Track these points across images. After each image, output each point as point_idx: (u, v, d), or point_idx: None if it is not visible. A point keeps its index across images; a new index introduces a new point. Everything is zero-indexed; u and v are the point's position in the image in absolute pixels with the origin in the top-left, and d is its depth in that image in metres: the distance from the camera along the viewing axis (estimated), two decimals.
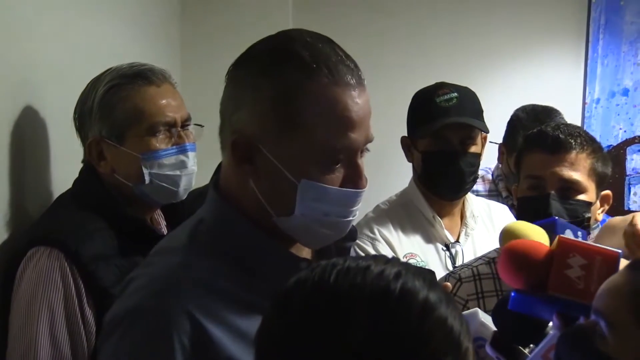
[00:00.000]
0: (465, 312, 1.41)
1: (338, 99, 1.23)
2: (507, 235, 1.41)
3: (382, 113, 3.70)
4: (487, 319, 1.40)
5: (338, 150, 1.24)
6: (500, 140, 3.13)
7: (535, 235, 1.36)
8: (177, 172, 1.95)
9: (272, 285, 1.09)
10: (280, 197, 1.26)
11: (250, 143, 1.25)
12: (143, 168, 1.91)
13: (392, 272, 0.94)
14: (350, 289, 0.92)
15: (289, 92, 1.22)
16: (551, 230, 1.39)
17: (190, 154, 1.98)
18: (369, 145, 1.31)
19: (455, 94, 2.34)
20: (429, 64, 4.26)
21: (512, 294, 1.31)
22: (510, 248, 1.32)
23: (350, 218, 1.30)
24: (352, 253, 1.47)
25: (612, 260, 1.26)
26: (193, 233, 1.32)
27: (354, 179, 1.27)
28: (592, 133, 2.06)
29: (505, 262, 1.31)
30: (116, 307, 1.26)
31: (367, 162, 1.32)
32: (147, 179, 1.92)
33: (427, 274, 0.98)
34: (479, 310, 1.42)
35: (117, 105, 1.90)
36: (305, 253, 1.38)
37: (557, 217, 1.50)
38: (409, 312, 0.92)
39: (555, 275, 1.26)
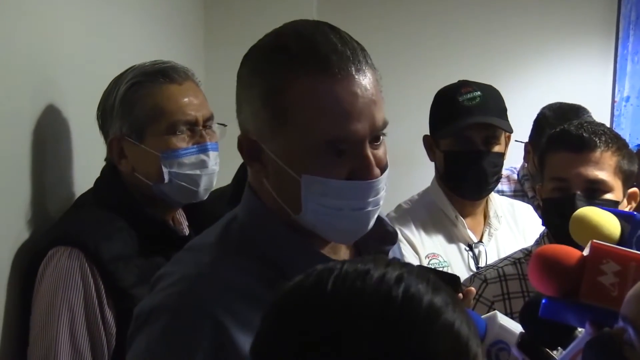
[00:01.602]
0: (484, 316, 1.38)
1: (329, 91, 1.19)
2: (576, 222, 1.37)
3: (404, 111, 3.71)
4: (506, 322, 1.38)
5: (337, 143, 1.20)
6: (526, 139, 3.10)
7: (606, 222, 1.33)
8: (197, 172, 1.93)
9: None
10: (289, 194, 1.24)
11: (254, 141, 1.24)
12: (162, 167, 1.90)
13: (394, 276, 0.88)
14: (349, 296, 0.87)
15: (278, 87, 1.20)
16: (628, 222, 1.35)
17: (212, 154, 1.96)
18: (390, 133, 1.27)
19: (479, 93, 2.31)
20: (454, 61, 4.23)
21: (543, 301, 1.27)
22: (542, 254, 1.27)
23: (370, 209, 1.25)
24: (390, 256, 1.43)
25: None
26: (225, 231, 1.30)
27: (362, 170, 1.22)
28: (621, 132, 2.03)
29: (536, 268, 1.26)
30: (144, 303, 1.26)
31: (390, 161, 1.29)
32: (166, 178, 1.90)
33: (430, 276, 0.93)
34: (497, 313, 1.40)
35: (138, 103, 1.90)
36: (343, 254, 1.35)
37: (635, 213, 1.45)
38: (414, 319, 0.87)
39: (588, 282, 1.21)
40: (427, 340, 0.87)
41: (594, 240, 1.25)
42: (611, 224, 1.34)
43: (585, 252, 1.24)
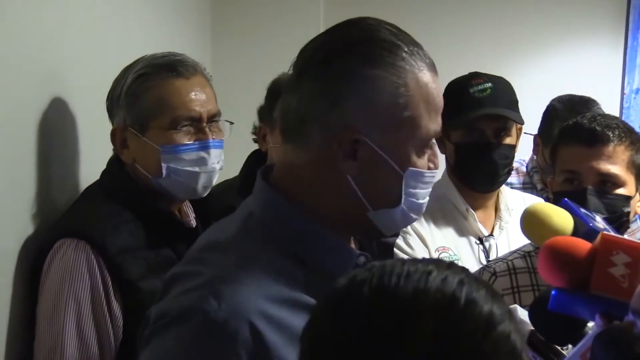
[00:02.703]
0: None
1: (434, 84, 1.26)
2: (528, 218, 1.37)
3: None
4: (524, 316, 1.37)
5: (432, 135, 1.26)
6: (535, 131, 3.08)
7: (557, 217, 1.33)
8: (196, 169, 1.91)
9: (330, 280, 1.10)
10: (385, 189, 1.25)
11: (357, 138, 1.22)
12: (161, 161, 1.88)
13: (456, 279, 0.90)
14: (415, 293, 0.88)
15: (401, 81, 1.21)
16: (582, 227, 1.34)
17: (213, 151, 1.93)
18: None
19: (490, 84, 2.30)
20: (463, 53, 4.22)
21: (553, 293, 1.26)
22: (552, 245, 1.27)
23: (428, 199, 1.32)
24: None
25: None
26: (245, 227, 1.28)
27: (434, 160, 1.30)
28: (630, 124, 2.00)
29: (546, 260, 1.26)
30: (168, 304, 1.21)
31: None
32: (164, 172, 1.89)
33: (488, 284, 0.94)
34: (517, 307, 1.39)
35: (143, 95, 1.89)
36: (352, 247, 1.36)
37: (566, 199, 1.45)
38: (475, 323, 0.88)
39: (599, 273, 1.20)
40: (486, 344, 0.88)
41: (604, 232, 1.25)
42: (563, 220, 1.33)
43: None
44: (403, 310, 0.88)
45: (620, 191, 1.87)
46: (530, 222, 1.37)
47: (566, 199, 1.39)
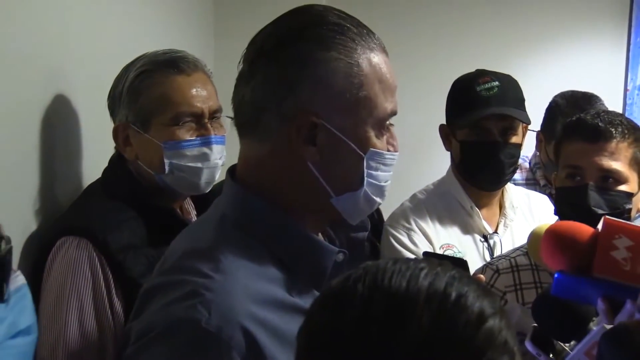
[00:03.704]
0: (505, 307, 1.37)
1: (386, 65, 1.26)
2: (534, 240, 1.38)
3: (420, 99, 3.70)
4: (526, 314, 1.37)
5: (389, 114, 1.26)
6: (538, 128, 3.07)
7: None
8: (199, 164, 1.91)
9: (312, 279, 1.15)
10: (347, 172, 1.25)
11: (315, 122, 1.21)
12: (164, 157, 1.89)
13: (447, 275, 0.93)
14: (407, 289, 0.91)
15: (354, 61, 1.22)
16: None
17: (215, 147, 1.93)
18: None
19: (497, 83, 2.29)
20: (467, 49, 4.23)
21: (556, 276, 1.28)
22: (555, 229, 1.31)
23: (390, 182, 1.31)
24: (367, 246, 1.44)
25: None
26: (222, 231, 1.25)
27: (392, 142, 1.29)
28: (633, 120, 2.00)
29: (549, 244, 1.29)
30: (152, 317, 1.18)
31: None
32: (167, 168, 1.89)
33: (479, 282, 0.96)
34: (518, 305, 1.39)
35: (144, 92, 1.89)
36: None
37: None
38: (467, 317, 0.90)
39: (601, 256, 1.23)
40: (478, 338, 0.89)
41: (607, 216, 1.27)
42: None
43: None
44: (396, 305, 0.90)
45: (622, 188, 1.87)
46: (536, 243, 1.38)
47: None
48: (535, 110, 2.99)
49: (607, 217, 1.27)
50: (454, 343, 0.88)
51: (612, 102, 3.84)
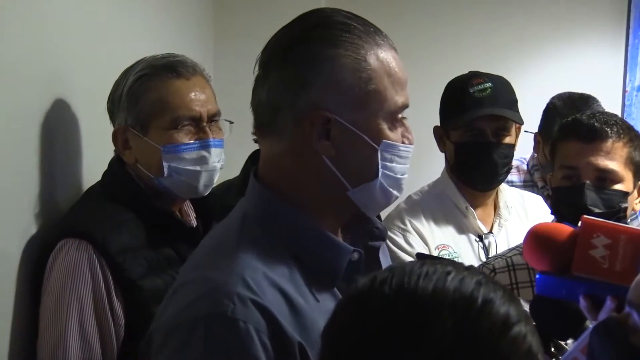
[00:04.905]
0: None
1: (395, 59, 1.29)
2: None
3: (414, 101, 3.67)
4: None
5: (400, 107, 1.29)
6: (535, 129, 3.08)
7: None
8: (197, 168, 1.93)
9: (328, 277, 1.21)
10: (362, 164, 1.28)
11: (327, 117, 1.25)
12: (163, 161, 1.90)
13: (473, 280, 0.93)
14: (434, 292, 0.91)
15: (361, 57, 1.26)
16: None
17: (214, 150, 1.95)
18: None
19: (490, 84, 2.31)
20: (463, 51, 4.22)
21: (537, 276, 1.30)
22: (535, 231, 1.33)
23: (407, 176, 1.33)
24: (382, 254, 1.45)
25: (637, 239, 1.25)
26: (244, 230, 1.29)
27: (407, 135, 1.32)
28: (632, 122, 2.02)
29: (530, 244, 1.32)
30: (176, 316, 1.20)
31: None
32: (166, 172, 1.91)
33: (505, 287, 0.96)
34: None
35: (143, 96, 1.90)
36: None
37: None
38: (492, 322, 0.90)
39: (580, 255, 1.26)
40: (503, 344, 0.90)
41: (585, 216, 1.30)
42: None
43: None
44: (422, 308, 0.90)
45: (618, 187, 1.88)
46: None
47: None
48: (534, 112, 3.01)
49: (585, 216, 1.29)
50: (478, 350, 0.88)
51: (611, 104, 3.83)
